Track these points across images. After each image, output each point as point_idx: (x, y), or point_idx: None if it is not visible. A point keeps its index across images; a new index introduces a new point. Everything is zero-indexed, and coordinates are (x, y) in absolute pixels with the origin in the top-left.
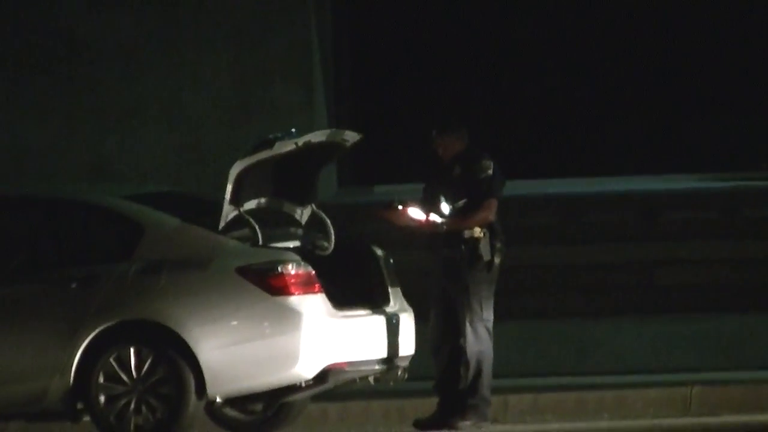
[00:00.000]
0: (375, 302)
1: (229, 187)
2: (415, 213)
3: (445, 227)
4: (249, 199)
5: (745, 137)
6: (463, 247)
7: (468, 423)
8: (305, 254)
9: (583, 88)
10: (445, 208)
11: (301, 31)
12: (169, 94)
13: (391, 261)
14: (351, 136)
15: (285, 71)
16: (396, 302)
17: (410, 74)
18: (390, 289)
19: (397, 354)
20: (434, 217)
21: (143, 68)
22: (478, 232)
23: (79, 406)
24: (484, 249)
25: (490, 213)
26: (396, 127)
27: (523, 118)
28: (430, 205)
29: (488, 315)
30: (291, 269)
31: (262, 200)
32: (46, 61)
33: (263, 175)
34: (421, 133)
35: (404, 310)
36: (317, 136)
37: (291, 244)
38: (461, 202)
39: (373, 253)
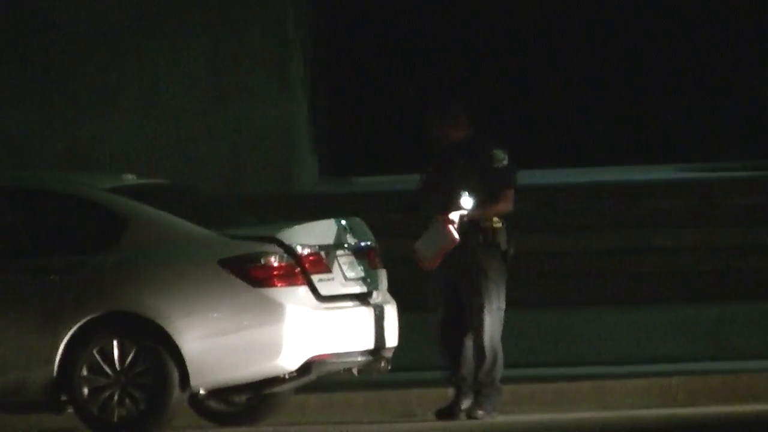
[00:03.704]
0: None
1: None
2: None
3: (465, 219)
4: None
5: (721, 127)
6: (480, 237)
7: (482, 413)
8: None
9: (560, 79)
10: (467, 201)
11: (277, 17)
12: (145, 81)
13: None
14: None
15: (262, 58)
16: (379, 294)
17: (390, 62)
18: (374, 270)
19: (381, 345)
20: (454, 215)
21: (120, 55)
22: (496, 222)
23: (63, 397)
24: (502, 239)
25: (509, 204)
26: (376, 117)
27: (500, 108)
28: (438, 198)
29: (503, 303)
30: (274, 261)
31: None
32: (22, 48)
33: None
34: (410, 122)
35: (387, 302)
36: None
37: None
38: (477, 195)
39: None
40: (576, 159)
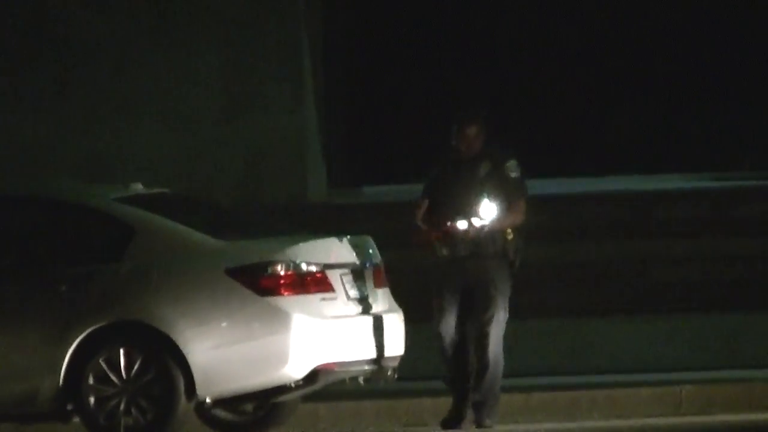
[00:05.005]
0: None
1: None
2: (462, 224)
3: (486, 229)
4: None
5: (736, 135)
6: (492, 248)
7: (489, 421)
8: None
9: (577, 88)
10: (490, 208)
11: (291, 28)
12: (161, 91)
13: (382, 261)
14: None
15: (276, 68)
16: (386, 302)
17: (402, 73)
18: (380, 290)
19: (387, 354)
20: (477, 221)
21: (136, 65)
22: (508, 233)
23: (69, 407)
24: (511, 250)
25: (522, 214)
26: (386, 127)
27: (517, 117)
28: (450, 206)
29: (507, 314)
30: (280, 270)
31: None
32: (40, 57)
33: None
34: (420, 131)
35: (393, 311)
36: None
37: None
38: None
39: None
40: (590, 168)
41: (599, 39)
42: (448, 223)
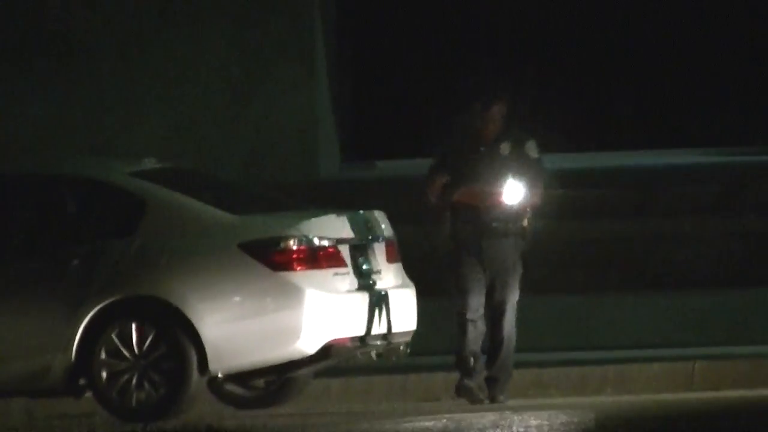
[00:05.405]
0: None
1: None
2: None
3: (513, 208)
4: None
5: (744, 113)
6: (512, 225)
7: (503, 397)
8: None
9: (584, 63)
10: (516, 187)
11: (303, 6)
12: (171, 69)
13: (394, 236)
14: None
15: (286, 45)
16: (398, 278)
17: (414, 49)
18: (392, 265)
19: (399, 329)
20: (506, 199)
21: (144, 46)
22: (527, 213)
23: (82, 382)
24: (528, 230)
25: (542, 196)
26: (399, 103)
27: (524, 92)
28: (473, 183)
29: (518, 293)
30: (293, 245)
31: None
32: (42, 47)
33: None
34: (434, 106)
35: (406, 286)
36: None
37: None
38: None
39: None
40: (599, 143)
41: (612, 11)
42: (493, 191)
